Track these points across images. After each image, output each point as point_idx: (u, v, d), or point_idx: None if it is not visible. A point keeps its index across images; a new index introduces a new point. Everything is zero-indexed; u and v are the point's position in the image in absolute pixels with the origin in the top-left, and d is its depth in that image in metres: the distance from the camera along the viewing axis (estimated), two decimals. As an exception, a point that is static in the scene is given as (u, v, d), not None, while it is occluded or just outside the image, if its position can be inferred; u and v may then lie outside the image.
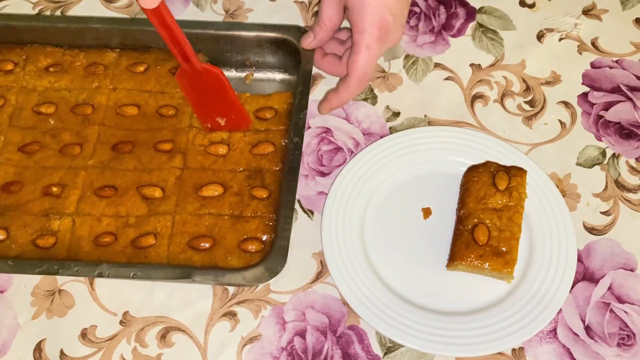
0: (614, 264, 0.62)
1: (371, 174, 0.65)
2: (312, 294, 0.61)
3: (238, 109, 0.66)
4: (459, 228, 0.61)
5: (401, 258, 0.62)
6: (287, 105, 0.68)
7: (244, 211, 0.62)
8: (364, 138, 0.69)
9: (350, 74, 0.64)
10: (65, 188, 0.63)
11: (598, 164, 0.68)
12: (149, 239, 0.60)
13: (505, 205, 0.60)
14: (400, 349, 0.59)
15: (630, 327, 0.59)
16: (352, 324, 0.60)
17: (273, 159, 0.65)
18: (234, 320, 0.60)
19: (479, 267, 0.58)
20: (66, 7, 0.80)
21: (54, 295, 0.61)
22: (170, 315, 0.60)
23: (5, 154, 0.66)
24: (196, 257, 0.60)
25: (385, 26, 0.62)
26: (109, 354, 0.58)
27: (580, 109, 0.71)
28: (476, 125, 0.70)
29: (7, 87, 0.70)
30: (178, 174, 0.64)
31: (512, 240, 0.58)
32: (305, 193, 0.67)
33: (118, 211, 0.62)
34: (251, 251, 0.60)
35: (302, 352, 0.58)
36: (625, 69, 0.73)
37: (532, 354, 0.58)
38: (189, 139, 0.66)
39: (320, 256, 0.63)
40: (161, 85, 0.70)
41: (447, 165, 0.66)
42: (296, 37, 0.69)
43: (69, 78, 0.70)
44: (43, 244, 0.61)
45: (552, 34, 0.77)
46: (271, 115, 0.67)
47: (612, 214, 0.65)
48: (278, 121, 0.67)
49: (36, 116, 0.68)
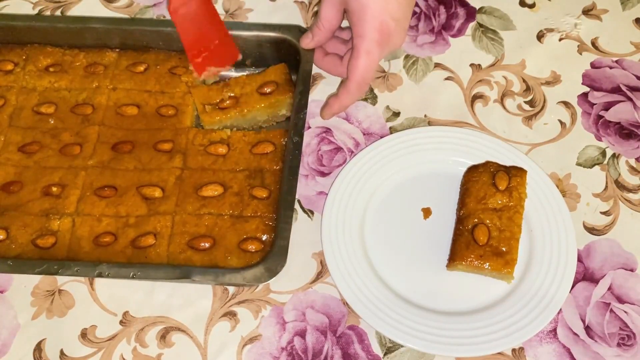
0: (614, 264, 0.62)
1: (371, 174, 0.65)
2: (312, 294, 0.61)
3: (227, 35, 0.67)
4: (459, 228, 0.61)
5: (401, 258, 0.62)
6: (284, 75, 0.69)
7: (244, 211, 0.62)
8: (364, 138, 0.69)
9: (349, 79, 0.64)
10: (65, 188, 0.63)
11: (598, 164, 0.68)
12: (148, 239, 0.60)
13: (505, 205, 0.60)
14: (400, 349, 0.59)
15: (630, 327, 0.59)
16: (352, 324, 0.60)
17: (273, 159, 0.65)
18: (234, 320, 0.60)
19: (479, 267, 0.58)
20: (66, 7, 0.80)
21: (54, 295, 0.61)
22: (170, 315, 0.60)
23: (5, 154, 0.66)
24: (196, 257, 0.60)
25: (386, 31, 0.62)
26: (109, 354, 0.58)
27: (580, 109, 0.71)
28: (476, 125, 0.70)
29: (7, 87, 0.70)
30: (178, 173, 0.64)
31: (512, 240, 0.58)
32: (305, 193, 0.67)
33: (118, 211, 0.62)
34: (251, 251, 0.60)
35: (302, 352, 0.58)
36: (625, 69, 0.73)
37: (532, 354, 0.58)
38: (189, 139, 0.66)
39: (320, 256, 0.63)
40: (161, 85, 0.70)
41: (447, 165, 0.66)
42: (296, 37, 0.69)
43: (69, 78, 0.70)
44: (43, 244, 0.61)
45: (552, 34, 0.77)
46: (273, 88, 0.68)
47: (612, 214, 0.65)
48: (283, 90, 0.68)
49: (36, 116, 0.68)
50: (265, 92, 0.68)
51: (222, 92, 0.68)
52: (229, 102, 0.68)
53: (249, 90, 0.68)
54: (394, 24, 0.62)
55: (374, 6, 0.61)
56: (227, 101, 0.68)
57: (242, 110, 0.67)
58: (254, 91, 0.68)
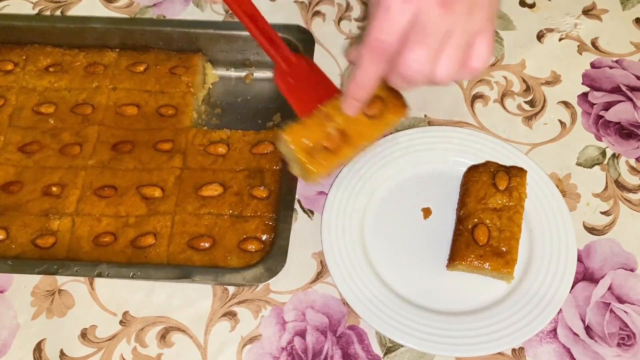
0: (614, 264, 0.62)
1: (371, 174, 0.65)
2: (312, 294, 0.61)
3: (335, 88, 0.57)
4: (459, 228, 0.61)
5: (401, 258, 0.62)
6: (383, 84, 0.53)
7: (244, 211, 0.62)
8: (364, 138, 0.69)
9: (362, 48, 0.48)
10: (65, 188, 0.63)
11: (598, 164, 0.68)
12: (148, 239, 0.60)
13: (505, 205, 0.60)
14: (400, 349, 0.59)
15: (630, 327, 0.59)
16: (352, 324, 0.60)
17: (273, 159, 0.65)
18: (234, 320, 0.60)
19: (479, 267, 0.58)
20: (66, 7, 0.80)
21: (54, 295, 0.61)
22: (170, 315, 0.60)
23: (5, 154, 0.66)
24: (196, 257, 0.60)
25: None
26: (109, 354, 0.58)
27: (580, 109, 0.71)
28: (476, 125, 0.70)
29: (7, 87, 0.70)
30: (178, 173, 0.64)
31: (512, 240, 0.58)
32: (305, 193, 0.67)
33: (118, 211, 0.62)
34: (251, 251, 0.60)
35: (302, 352, 0.58)
36: (625, 69, 0.73)
37: (532, 354, 0.58)
38: (189, 139, 0.66)
39: (320, 256, 0.63)
40: (161, 85, 0.70)
41: (447, 165, 0.66)
42: (296, 37, 0.69)
43: (68, 78, 0.70)
44: (43, 243, 0.61)
45: (552, 34, 0.77)
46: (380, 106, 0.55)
47: (612, 214, 0.65)
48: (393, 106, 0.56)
49: (36, 116, 0.68)
50: (373, 115, 0.54)
51: (324, 125, 0.52)
52: (336, 137, 0.52)
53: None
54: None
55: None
56: (335, 136, 0.52)
57: (356, 145, 0.53)
58: (362, 115, 0.54)
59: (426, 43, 0.45)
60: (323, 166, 0.51)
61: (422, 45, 0.45)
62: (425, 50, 0.45)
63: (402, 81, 0.48)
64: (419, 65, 0.46)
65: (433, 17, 0.44)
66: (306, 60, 0.60)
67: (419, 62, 0.46)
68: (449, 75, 0.47)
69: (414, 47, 0.45)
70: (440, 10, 0.44)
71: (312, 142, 0.51)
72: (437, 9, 0.44)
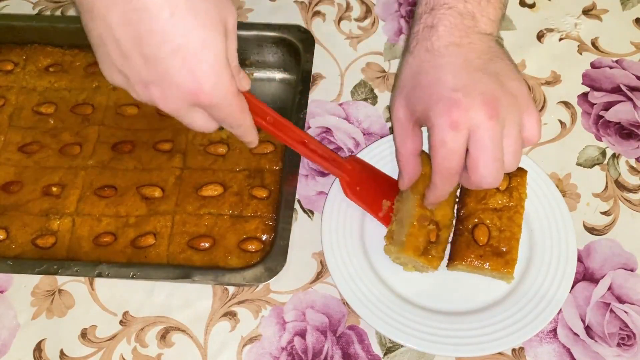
0: (614, 264, 0.62)
1: (371, 174, 0.65)
2: (312, 294, 0.61)
3: (390, 179, 0.64)
4: (459, 228, 0.61)
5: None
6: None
7: (244, 211, 0.62)
8: (364, 138, 0.69)
9: (432, 172, 0.53)
10: (65, 188, 0.64)
11: (598, 164, 0.68)
12: (148, 239, 0.60)
13: (505, 206, 0.60)
14: (400, 349, 0.59)
15: (630, 327, 0.59)
16: (352, 324, 0.60)
17: (273, 159, 0.65)
18: (234, 320, 0.60)
19: (479, 267, 0.58)
20: (66, 7, 0.80)
21: (54, 295, 0.61)
22: (170, 315, 0.60)
23: (5, 154, 0.66)
24: (196, 257, 0.60)
25: (453, 107, 0.48)
26: (109, 354, 0.58)
27: (580, 109, 0.71)
28: (476, 125, 0.70)
29: (7, 87, 0.70)
30: (178, 173, 0.64)
31: (512, 240, 0.58)
32: (305, 193, 0.67)
33: (118, 211, 0.62)
34: (251, 251, 0.60)
35: (302, 352, 0.58)
36: (625, 69, 0.73)
37: (532, 354, 0.58)
38: (189, 139, 0.66)
39: (320, 256, 0.63)
40: (161, 85, 0.70)
41: (447, 165, 0.66)
42: (296, 37, 0.69)
43: (69, 78, 0.70)
44: (43, 243, 0.61)
45: (552, 34, 0.77)
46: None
47: (612, 214, 0.65)
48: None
49: (36, 116, 0.68)
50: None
51: (426, 227, 0.58)
52: (435, 230, 0.58)
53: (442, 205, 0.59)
54: (460, 94, 0.48)
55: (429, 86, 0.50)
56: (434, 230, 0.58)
57: (449, 226, 0.59)
58: (448, 205, 0.59)
59: (490, 156, 0.49)
60: (438, 258, 0.58)
61: (486, 160, 0.49)
62: (491, 162, 0.49)
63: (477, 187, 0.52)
64: (492, 178, 0.50)
65: (487, 131, 0.48)
66: (354, 159, 0.64)
67: (491, 175, 0.49)
68: (517, 163, 0.51)
69: (481, 164, 0.49)
70: (490, 122, 0.48)
71: (422, 245, 0.57)
72: (487, 121, 0.48)
